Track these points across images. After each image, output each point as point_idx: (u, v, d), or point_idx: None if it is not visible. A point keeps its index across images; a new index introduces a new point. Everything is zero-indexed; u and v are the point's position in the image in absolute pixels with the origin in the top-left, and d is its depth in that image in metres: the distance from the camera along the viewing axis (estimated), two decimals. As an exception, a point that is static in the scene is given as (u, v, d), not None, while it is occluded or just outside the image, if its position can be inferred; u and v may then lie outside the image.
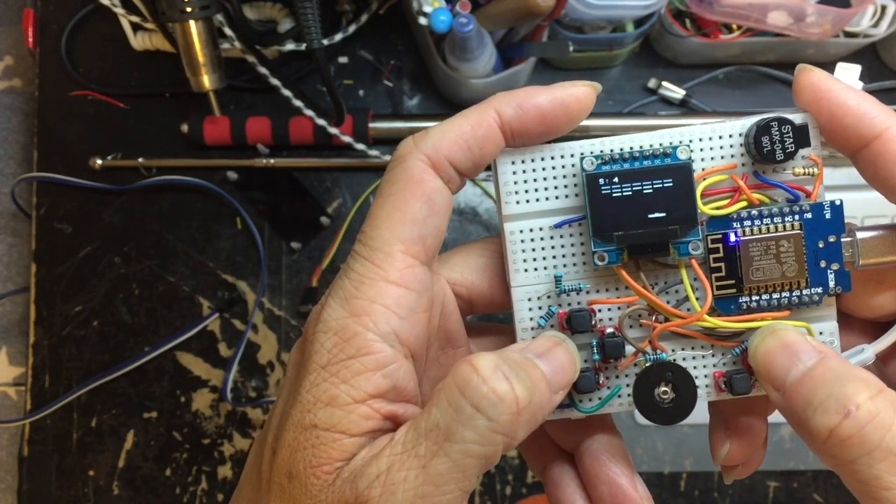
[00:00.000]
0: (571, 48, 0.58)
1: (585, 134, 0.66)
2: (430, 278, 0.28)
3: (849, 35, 0.65)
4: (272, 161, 0.66)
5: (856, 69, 0.66)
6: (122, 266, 0.67)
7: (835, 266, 0.28)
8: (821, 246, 0.28)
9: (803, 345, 0.26)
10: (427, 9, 0.56)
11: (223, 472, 0.66)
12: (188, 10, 0.57)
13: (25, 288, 0.69)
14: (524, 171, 0.29)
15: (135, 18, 0.64)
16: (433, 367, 0.31)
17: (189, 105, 0.67)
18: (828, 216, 0.28)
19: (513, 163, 0.29)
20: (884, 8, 0.64)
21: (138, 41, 0.67)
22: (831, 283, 0.28)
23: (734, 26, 0.64)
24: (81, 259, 0.67)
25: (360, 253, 0.27)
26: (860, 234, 0.28)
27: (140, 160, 0.66)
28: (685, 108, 0.68)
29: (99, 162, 0.66)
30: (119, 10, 0.64)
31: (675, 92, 0.68)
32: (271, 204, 0.67)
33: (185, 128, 0.66)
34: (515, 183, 0.29)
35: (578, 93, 0.28)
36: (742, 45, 0.65)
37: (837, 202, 0.28)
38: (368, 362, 0.26)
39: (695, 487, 0.65)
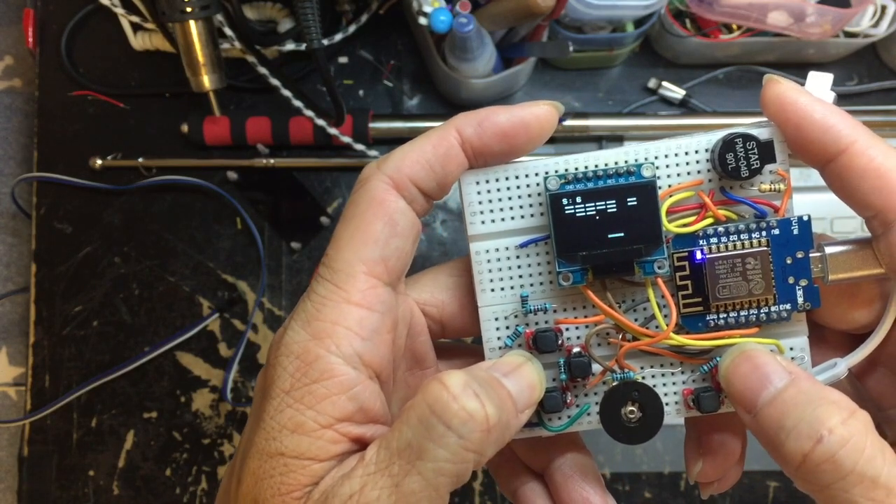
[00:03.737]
0: (571, 48, 0.58)
1: (585, 135, 0.66)
2: (393, 299, 0.28)
3: (849, 35, 0.65)
4: (272, 161, 0.66)
5: (828, 78, 0.64)
6: (122, 266, 0.67)
7: (803, 282, 0.28)
8: (789, 262, 0.28)
9: (773, 366, 0.26)
10: (427, 9, 0.56)
11: (223, 472, 0.66)
12: (188, 10, 0.57)
13: (25, 288, 0.69)
14: (488, 191, 0.29)
15: (135, 18, 0.64)
16: (401, 388, 0.31)
17: (189, 105, 0.67)
18: (795, 232, 0.28)
19: (477, 182, 0.29)
20: (884, 8, 0.64)
21: (138, 41, 0.67)
22: (800, 300, 0.28)
23: (734, 26, 0.64)
24: (81, 259, 0.67)
25: (322, 275, 0.27)
26: (829, 250, 0.28)
27: (140, 160, 0.66)
28: (685, 108, 0.68)
29: (99, 162, 0.66)
30: (119, 10, 0.64)
31: (675, 92, 0.68)
32: (271, 204, 0.67)
33: (185, 128, 0.66)
34: (480, 203, 0.29)
35: (539, 112, 0.28)
36: (742, 45, 0.65)
37: (805, 217, 0.28)
38: (332, 386, 0.25)
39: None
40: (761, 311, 0.28)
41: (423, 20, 0.57)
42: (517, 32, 0.63)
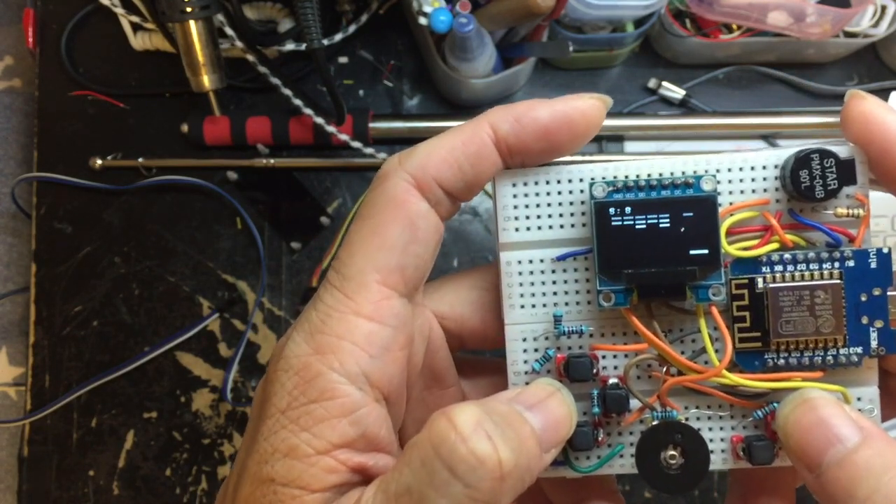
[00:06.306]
0: (571, 48, 0.58)
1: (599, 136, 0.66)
2: (409, 312, 0.25)
3: (849, 35, 0.65)
4: (272, 161, 0.66)
5: None
6: (122, 266, 0.67)
7: (879, 323, 0.25)
8: (863, 299, 0.25)
9: (842, 419, 0.22)
10: (427, 9, 0.56)
11: (223, 472, 0.66)
12: (188, 10, 0.57)
13: (25, 288, 0.69)
14: (526, 195, 0.26)
15: (135, 18, 0.64)
16: (418, 409, 0.28)
17: (189, 105, 0.67)
18: (873, 265, 0.25)
19: (514, 185, 0.26)
20: (884, 8, 0.64)
21: (138, 41, 0.67)
22: (874, 343, 0.25)
23: (734, 26, 0.64)
24: (81, 259, 0.67)
25: (331, 282, 0.24)
26: None
27: (140, 160, 0.66)
28: (685, 108, 0.68)
29: (99, 162, 0.66)
30: (119, 10, 0.64)
31: (675, 92, 0.68)
32: (271, 204, 0.67)
33: (185, 128, 0.66)
34: (516, 207, 0.26)
35: (584, 106, 0.25)
36: (742, 45, 0.65)
37: (885, 250, 0.25)
38: (332, 407, 0.23)
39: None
40: (828, 352, 0.25)
41: (423, 20, 0.56)
42: (517, 32, 0.63)
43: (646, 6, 0.59)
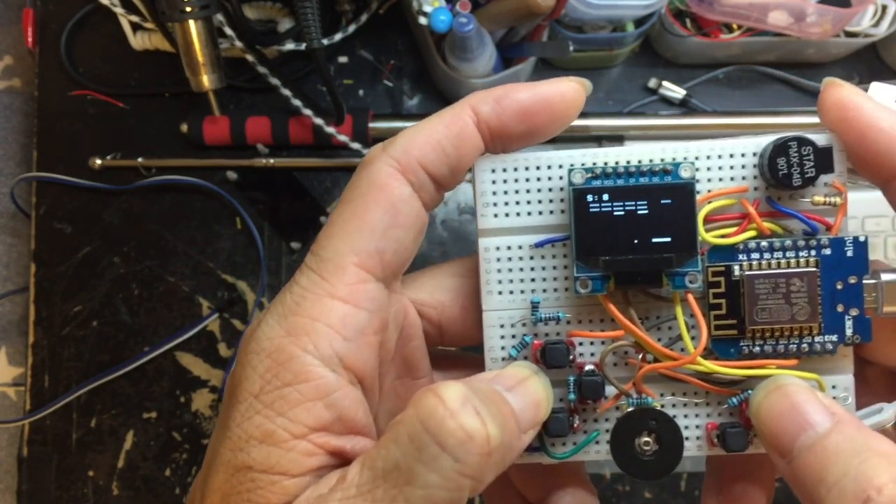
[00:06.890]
0: (571, 48, 0.58)
1: (586, 134, 0.66)
2: (385, 297, 0.25)
3: (849, 35, 0.65)
4: (272, 161, 0.66)
5: (892, 90, 0.62)
6: (122, 266, 0.67)
7: (854, 311, 0.25)
8: (839, 287, 0.25)
9: (814, 405, 0.23)
10: (427, 9, 0.56)
11: (223, 472, 0.66)
12: (188, 9, 0.57)
13: (25, 288, 0.69)
14: (505, 181, 0.26)
15: (135, 18, 0.64)
16: (389, 399, 0.28)
17: (189, 105, 0.67)
18: (849, 254, 0.25)
19: (493, 170, 0.26)
20: (884, 8, 0.64)
21: (138, 41, 0.67)
22: (849, 331, 0.25)
23: (734, 26, 0.64)
24: (81, 259, 0.67)
25: (308, 264, 0.24)
26: (885, 277, 0.25)
27: (140, 160, 0.66)
28: (685, 107, 0.68)
29: (99, 162, 0.66)
30: (119, 10, 0.64)
31: (675, 92, 0.68)
32: (271, 204, 0.67)
33: (184, 128, 0.66)
34: (494, 193, 0.26)
35: (565, 89, 0.25)
36: (742, 44, 0.65)
37: (861, 238, 0.25)
38: (307, 390, 0.23)
39: (695, 487, 0.65)
40: (803, 340, 0.25)
41: (423, 20, 0.56)
42: (517, 32, 0.63)
43: (646, 6, 0.59)
